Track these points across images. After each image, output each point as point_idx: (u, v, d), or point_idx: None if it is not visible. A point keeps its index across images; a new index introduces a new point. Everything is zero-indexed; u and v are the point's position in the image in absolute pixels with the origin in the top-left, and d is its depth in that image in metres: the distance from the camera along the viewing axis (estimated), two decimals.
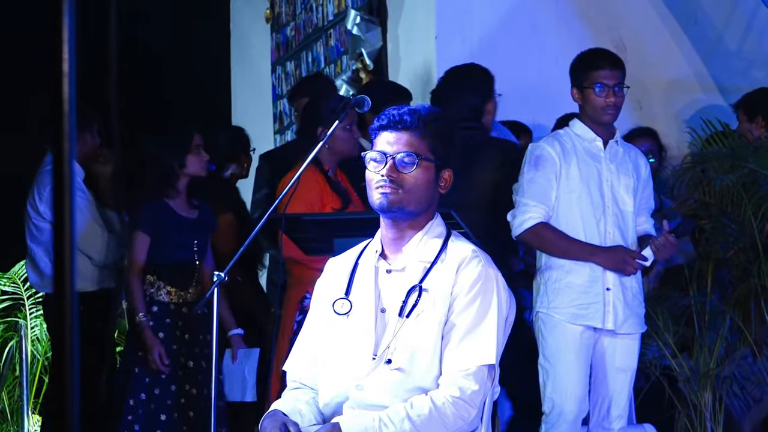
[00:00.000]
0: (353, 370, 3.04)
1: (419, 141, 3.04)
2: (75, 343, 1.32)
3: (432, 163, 3.06)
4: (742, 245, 5.44)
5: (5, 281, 8.17)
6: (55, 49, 1.35)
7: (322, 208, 4.89)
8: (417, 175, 3.04)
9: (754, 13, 6.72)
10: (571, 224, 4.76)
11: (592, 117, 4.81)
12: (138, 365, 5.28)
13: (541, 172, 4.78)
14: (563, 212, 4.77)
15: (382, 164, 3.04)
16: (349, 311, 3.09)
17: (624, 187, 4.83)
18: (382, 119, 3.07)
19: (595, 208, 4.77)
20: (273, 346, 4.65)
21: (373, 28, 6.76)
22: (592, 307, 4.72)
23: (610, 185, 4.81)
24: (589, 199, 4.77)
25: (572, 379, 4.73)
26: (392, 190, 3.02)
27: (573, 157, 4.79)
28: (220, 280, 3.84)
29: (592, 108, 4.79)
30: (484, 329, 3.00)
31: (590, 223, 4.76)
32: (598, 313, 4.72)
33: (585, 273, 4.74)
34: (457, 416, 2.96)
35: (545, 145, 4.83)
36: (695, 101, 6.50)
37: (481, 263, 3.06)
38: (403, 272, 3.09)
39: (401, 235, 3.10)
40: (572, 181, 4.77)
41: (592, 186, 4.78)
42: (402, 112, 3.06)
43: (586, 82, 4.78)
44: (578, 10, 6.45)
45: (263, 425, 3.03)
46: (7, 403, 7.98)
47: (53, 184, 1.35)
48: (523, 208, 4.76)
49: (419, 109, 3.08)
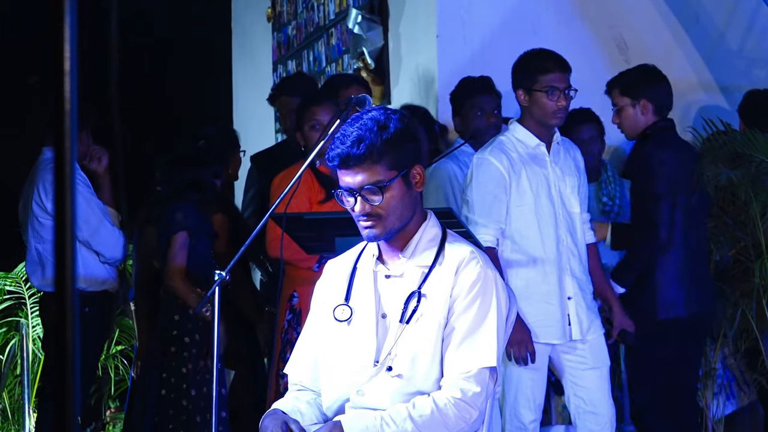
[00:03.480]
0: (355, 377, 3.04)
1: (375, 166, 2.98)
2: (75, 343, 1.32)
3: (397, 177, 3.02)
4: (744, 244, 5.43)
5: (7, 281, 8.18)
6: (56, 48, 1.35)
7: (309, 201, 4.89)
8: (389, 199, 3.01)
9: (756, 12, 6.71)
10: (526, 236, 4.66)
11: (539, 120, 4.70)
12: (191, 363, 5.25)
13: (490, 187, 4.66)
14: (516, 225, 4.67)
15: (353, 202, 3.03)
16: (350, 318, 3.09)
17: (570, 189, 4.77)
18: (333, 160, 3.00)
19: (548, 216, 4.69)
20: (273, 347, 4.65)
21: (374, 27, 6.75)
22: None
23: (558, 190, 4.73)
24: (540, 209, 4.68)
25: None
26: (373, 223, 3.02)
27: (521, 167, 4.68)
28: (221, 279, 3.84)
29: (541, 111, 4.67)
30: (484, 331, 3.00)
31: (547, 232, 4.67)
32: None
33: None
34: (458, 417, 2.96)
35: (491, 158, 4.69)
36: (696, 101, 6.50)
37: (479, 264, 3.06)
38: (401, 278, 3.08)
39: (396, 244, 3.10)
40: (523, 193, 4.67)
41: (542, 194, 4.69)
42: (346, 148, 2.98)
43: (537, 84, 4.66)
44: (579, 9, 6.45)
45: (264, 424, 3.03)
46: (8, 402, 7.98)
47: (54, 183, 1.35)
48: (474, 228, 4.59)
49: (362, 134, 2.98)
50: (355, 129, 2.99)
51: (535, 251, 4.65)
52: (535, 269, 4.65)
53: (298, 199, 4.71)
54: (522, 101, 4.73)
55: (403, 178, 3.03)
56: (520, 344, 4.57)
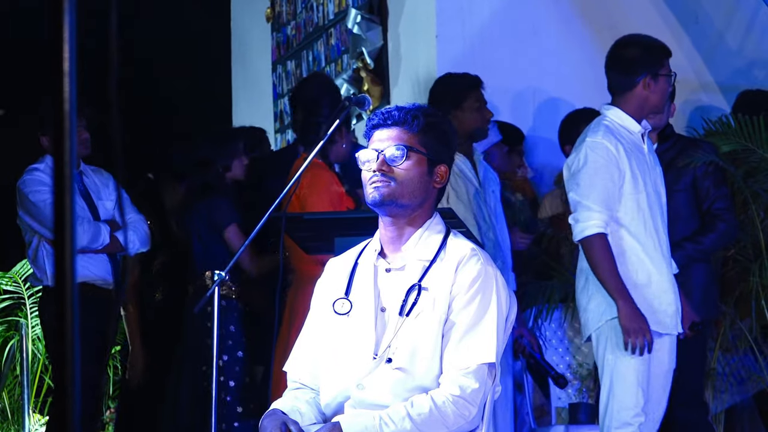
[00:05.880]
0: (354, 370, 3.04)
1: (409, 135, 3.07)
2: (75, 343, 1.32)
3: (423, 155, 3.07)
4: (743, 244, 5.43)
5: (6, 280, 8.17)
6: (56, 48, 1.35)
7: (341, 205, 4.93)
8: (408, 168, 3.06)
9: (755, 12, 6.72)
10: (642, 225, 4.52)
11: (654, 107, 4.65)
12: (226, 355, 5.33)
13: (604, 172, 4.50)
14: (632, 214, 4.51)
15: (374, 161, 3.06)
16: (349, 311, 3.10)
17: (660, 180, 4.68)
18: (372, 119, 3.12)
19: (655, 205, 4.57)
20: (273, 347, 4.65)
21: (373, 27, 6.76)
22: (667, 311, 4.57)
23: (653, 179, 4.63)
24: (650, 198, 4.55)
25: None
26: (384, 183, 3.04)
27: (631, 154, 4.53)
28: (220, 279, 3.85)
29: (662, 97, 4.65)
30: (483, 327, 3.00)
31: (656, 221, 4.54)
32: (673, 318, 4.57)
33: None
34: (457, 415, 2.96)
35: (606, 142, 4.52)
36: (696, 101, 6.50)
37: (480, 261, 3.06)
38: (402, 271, 3.09)
39: (400, 234, 3.11)
40: (636, 180, 4.52)
41: (648, 182, 4.57)
42: (391, 108, 3.12)
43: (664, 69, 4.64)
44: (579, 9, 6.45)
45: (263, 424, 3.03)
46: (7, 403, 7.98)
47: (54, 183, 1.35)
48: (586, 213, 4.49)
49: (408, 106, 3.13)
50: (405, 104, 3.15)
51: (649, 242, 4.53)
52: (651, 259, 4.53)
53: (331, 196, 4.79)
54: (642, 87, 4.61)
55: (429, 162, 3.08)
56: (637, 333, 4.39)
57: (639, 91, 4.61)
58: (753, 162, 5.44)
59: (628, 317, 4.41)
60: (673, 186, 5.05)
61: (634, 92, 4.61)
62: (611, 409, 4.51)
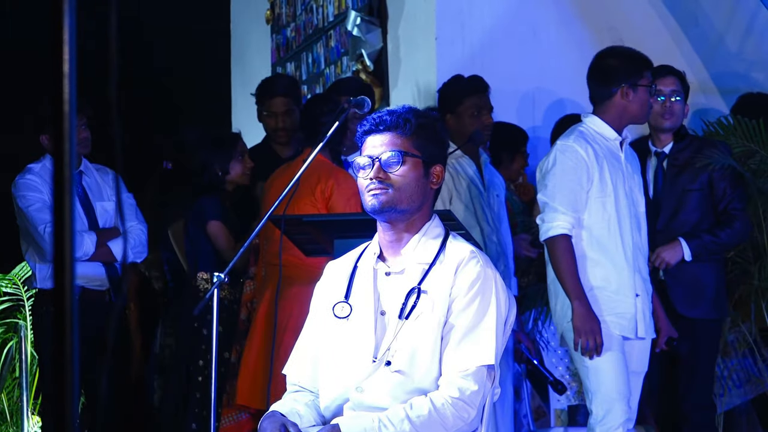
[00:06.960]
0: (353, 373, 3.05)
1: (402, 139, 3.07)
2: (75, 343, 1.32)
3: (419, 159, 3.08)
4: (743, 247, 5.43)
5: (6, 282, 8.17)
6: (56, 49, 1.34)
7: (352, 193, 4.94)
8: (405, 173, 3.06)
9: (755, 15, 6.72)
10: (605, 229, 4.58)
11: (633, 117, 4.68)
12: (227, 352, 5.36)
13: (573, 175, 4.58)
14: (596, 217, 4.58)
15: (370, 168, 3.06)
16: (349, 314, 3.10)
17: (637, 188, 4.74)
18: (364, 125, 3.12)
19: (624, 211, 4.62)
20: (273, 347, 4.65)
21: (373, 29, 6.76)
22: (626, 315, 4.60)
23: (629, 187, 4.69)
24: (619, 203, 4.61)
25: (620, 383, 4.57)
26: (382, 190, 3.04)
27: (603, 159, 4.60)
28: (219, 281, 3.84)
29: (641, 108, 4.67)
30: (483, 330, 3.00)
31: (624, 227, 4.59)
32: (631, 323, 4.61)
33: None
34: (456, 417, 2.96)
35: (576, 146, 4.60)
36: (695, 103, 6.50)
37: (479, 264, 3.06)
38: (402, 275, 3.09)
39: (399, 238, 3.11)
40: (605, 185, 4.59)
41: (619, 189, 4.62)
42: (381, 113, 3.11)
43: (643, 80, 4.67)
44: (578, 11, 6.45)
45: (262, 426, 3.03)
46: (6, 404, 7.98)
47: (54, 183, 1.35)
48: (552, 214, 4.56)
49: (399, 110, 3.12)
50: (393, 108, 3.14)
51: (612, 245, 4.58)
52: (612, 262, 4.58)
53: (344, 197, 4.82)
54: (620, 96, 4.65)
55: (425, 165, 3.08)
56: (588, 334, 4.46)
57: (617, 101, 4.67)
58: (753, 164, 5.45)
59: (580, 318, 4.48)
60: (689, 185, 5.16)
61: (613, 101, 4.67)
62: (597, 401, 4.56)
